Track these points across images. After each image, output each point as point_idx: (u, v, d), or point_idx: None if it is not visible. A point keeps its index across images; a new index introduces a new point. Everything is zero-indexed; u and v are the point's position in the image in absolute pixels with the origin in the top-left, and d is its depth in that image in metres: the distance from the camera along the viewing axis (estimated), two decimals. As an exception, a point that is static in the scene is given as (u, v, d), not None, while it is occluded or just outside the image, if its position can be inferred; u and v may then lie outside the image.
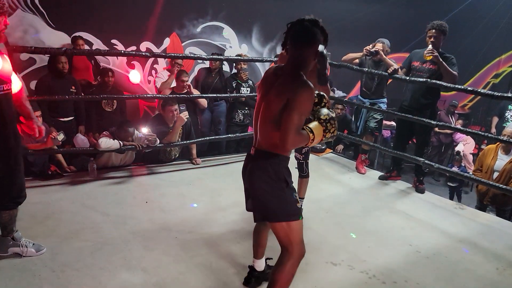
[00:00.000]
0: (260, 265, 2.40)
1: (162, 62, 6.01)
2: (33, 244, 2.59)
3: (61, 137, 3.73)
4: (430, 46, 3.82)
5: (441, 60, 3.80)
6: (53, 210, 3.22)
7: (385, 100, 4.65)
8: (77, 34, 5.03)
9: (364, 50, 4.45)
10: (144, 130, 4.08)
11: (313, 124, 1.91)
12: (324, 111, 1.95)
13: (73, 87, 4.44)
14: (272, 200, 1.93)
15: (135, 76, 5.33)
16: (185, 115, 4.26)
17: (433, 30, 3.88)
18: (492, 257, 2.96)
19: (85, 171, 4.01)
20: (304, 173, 3.23)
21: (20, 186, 2.45)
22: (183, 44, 6.11)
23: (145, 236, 2.90)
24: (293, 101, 1.79)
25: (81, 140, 4.44)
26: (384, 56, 4.30)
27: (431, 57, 3.81)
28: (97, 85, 4.86)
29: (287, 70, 1.92)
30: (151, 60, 5.89)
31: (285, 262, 1.98)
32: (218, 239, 2.88)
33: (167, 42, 5.96)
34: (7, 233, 2.51)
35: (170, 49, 5.96)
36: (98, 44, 5.37)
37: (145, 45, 5.75)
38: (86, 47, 5.05)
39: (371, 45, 4.46)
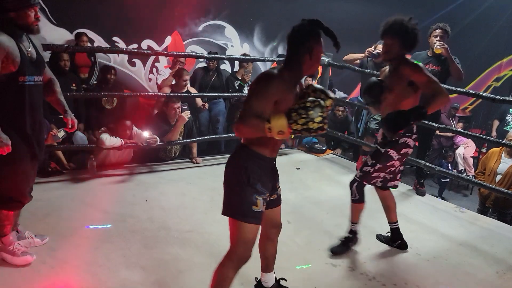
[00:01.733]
0: (267, 280, 2.28)
1: (164, 60, 6.00)
2: (35, 235, 2.64)
3: (61, 134, 3.71)
4: (438, 42, 3.84)
5: (450, 54, 3.83)
6: (53, 207, 3.21)
7: None
8: (81, 30, 5.02)
9: (366, 52, 4.44)
10: (146, 134, 4.06)
11: (275, 114, 1.72)
12: (303, 102, 1.71)
13: (74, 84, 4.43)
14: (228, 192, 1.90)
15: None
16: (186, 114, 4.25)
17: (439, 30, 3.90)
18: (492, 261, 2.95)
19: (85, 168, 4.00)
20: (352, 196, 2.84)
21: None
22: (184, 42, 6.10)
23: (144, 234, 2.89)
24: (249, 89, 1.85)
25: (80, 137, 4.44)
26: None
27: (441, 50, 3.82)
28: (96, 82, 4.86)
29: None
30: (152, 58, 5.88)
31: (224, 260, 1.90)
32: (218, 239, 2.87)
33: (168, 40, 5.95)
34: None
35: (172, 48, 5.95)
36: (99, 41, 5.37)
37: (146, 43, 5.75)
38: (89, 44, 5.04)
39: (373, 46, 4.45)
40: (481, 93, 3.78)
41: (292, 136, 4.08)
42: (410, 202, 4.00)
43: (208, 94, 5.02)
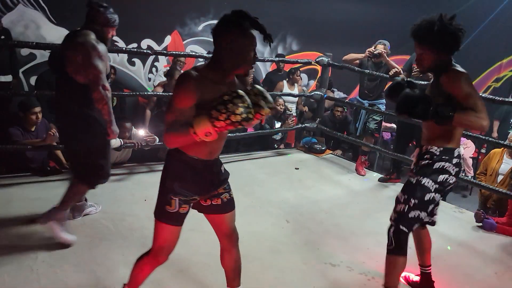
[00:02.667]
0: None
1: (163, 60, 6.00)
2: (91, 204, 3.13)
3: None
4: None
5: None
6: (51, 205, 3.20)
7: (383, 101, 4.65)
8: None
9: (367, 52, 4.44)
10: (142, 132, 4.05)
11: (196, 117, 1.60)
12: (220, 97, 1.58)
13: (74, 83, 4.43)
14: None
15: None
16: None
17: None
18: (491, 262, 2.96)
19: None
20: (388, 244, 2.17)
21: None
22: (184, 42, 6.10)
23: (143, 233, 2.89)
24: (171, 96, 1.72)
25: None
26: (388, 59, 4.29)
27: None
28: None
29: None
30: (152, 57, 5.89)
31: (144, 254, 1.90)
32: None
33: (168, 40, 5.96)
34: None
35: (171, 47, 5.96)
36: (99, 40, 5.36)
37: (146, 43, 5.75)
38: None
39: (373, 46, 4.46)
40: (480, 94, 3.77)
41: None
42: (409, 202, 4.00)
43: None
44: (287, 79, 5.95)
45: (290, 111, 6.03)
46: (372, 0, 7.25)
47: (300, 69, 7.27)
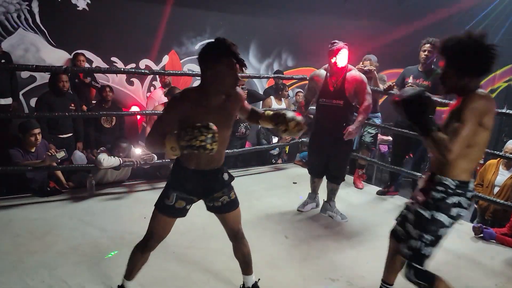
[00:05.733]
0: (246, 281, 2.40)
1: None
2: (341, 213, 3.64)
3: (61, 155, 3.75)
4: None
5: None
6: (51, 226, 3.22)
7: (379, 114, 4.70)
8: (79, 51, 5.11)
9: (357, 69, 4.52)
10: (139, 150, 4.09)
11: (172, 133, 1.84)
12: (195, 123, 1.78)
13: (72, 104, 4.49)
14: None
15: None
16: None
17: (428, 45, 3.99)
18: (491, 273, 2.95)
19: (83, 187, 4.02)
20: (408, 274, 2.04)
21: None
22: (181, 61, 6.20)
23: (143, 252, 2.89)
24: None
25: (79, 156, 4.47)
26: (376, 75, 4.36)
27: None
28: (96, 102, 4.92)
29: None
30: (150, 77, 5.97)
31: (140, 241, 2.19)
32: (216, 254, 2.88)
33: (166, 59, 6.05)
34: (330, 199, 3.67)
35: (169, 66, 6.05)
36: (98, 62, 5.45)
37: (144, 63, 5.84)
38: (87, 64, 5.13)
39: (361, 62, 4.53)
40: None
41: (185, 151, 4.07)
42: (407, 214, 4.01)
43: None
44: (275, 95, 6.01)
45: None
46: (369, 15, 7.38)
47: (296, 84, 7.37)
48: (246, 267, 2.36)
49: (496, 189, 4.52)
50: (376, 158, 6.58)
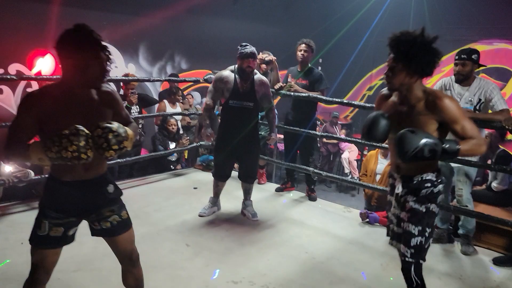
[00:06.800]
0: None
1: (35, 84, 5.43)
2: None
3: None
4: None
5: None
6: None
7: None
8: None
9: (258, 60, 4.54)
10: (8, 168, 3.58)
11: (37, 141, 1.68)
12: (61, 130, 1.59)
13: None
14: None
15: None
16: None
17: (303, 45, 4.28)
18: (377, 254, 3.22)
19: None
20: (414, 286, 2.03)
21: None
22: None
23: (21, 281, 2.51)
24: None
25: None
26: (277, 66, 4.44)
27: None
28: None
29: None
30: (23, 83, 5.29)
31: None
32: (109, 274, 2.62)
33: (42, 63, 5.43)
34: None
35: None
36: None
37: (14, 67, 5.16)
38: None
39: (260, 54, 4.58)
40: (353, 102, 4.23)
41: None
42: (303, 207, 4.20)
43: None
44: (168, 99, 5.84)
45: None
46: (258, 18, 7.59)
47: (192, 87, 7.26)
48: None
49: (378, 177, 5.02)
50: (275, 156, 6.83)
